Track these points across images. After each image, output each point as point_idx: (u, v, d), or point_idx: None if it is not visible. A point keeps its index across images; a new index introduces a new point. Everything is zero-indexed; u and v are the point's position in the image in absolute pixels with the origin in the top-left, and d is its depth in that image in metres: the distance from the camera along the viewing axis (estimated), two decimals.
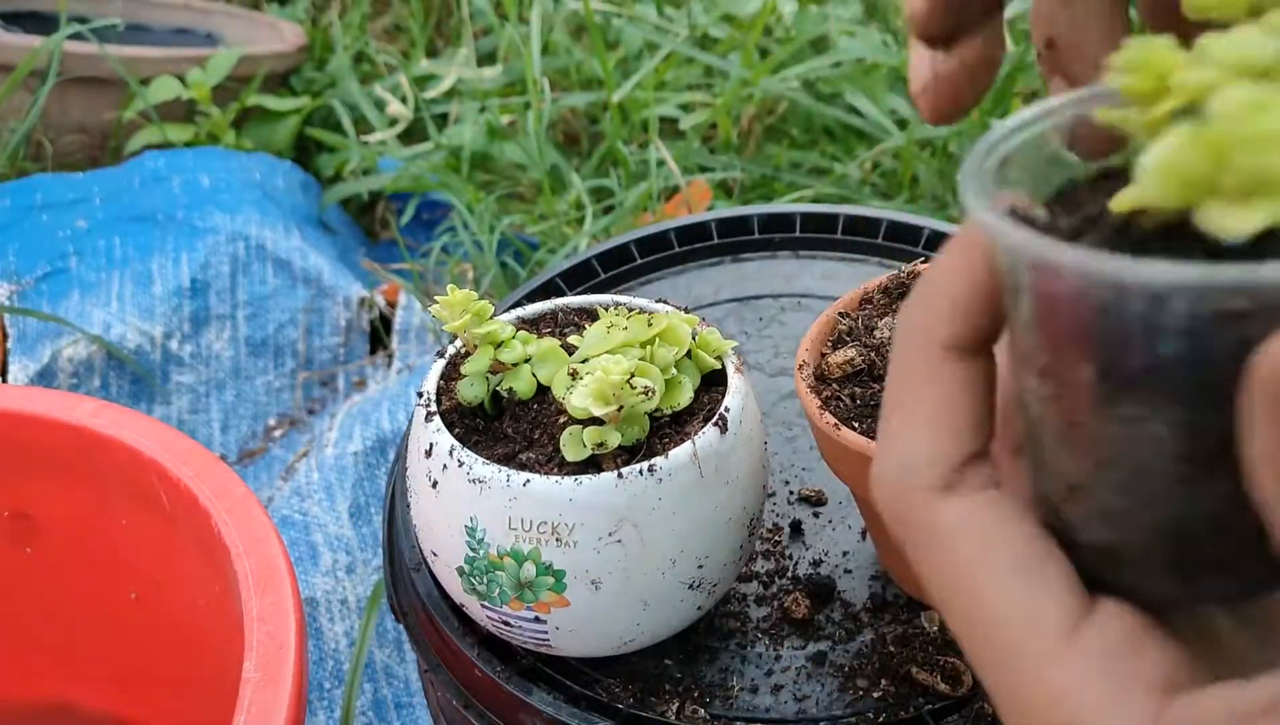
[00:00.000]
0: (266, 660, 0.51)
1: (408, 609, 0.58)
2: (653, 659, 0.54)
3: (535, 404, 0.50)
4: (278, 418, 1.08)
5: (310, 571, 0.87)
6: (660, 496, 0.46)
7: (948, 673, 0.52)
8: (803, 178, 1.17)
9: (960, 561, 0.27)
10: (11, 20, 1.37)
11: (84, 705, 0.75)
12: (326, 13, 1.59)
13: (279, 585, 0.54)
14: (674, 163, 1.14)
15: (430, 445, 0.48)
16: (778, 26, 1.38)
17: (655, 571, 0.47)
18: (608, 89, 1.22)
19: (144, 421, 0.64)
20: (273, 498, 0.96)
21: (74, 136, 1.31)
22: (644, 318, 0.50)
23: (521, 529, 0.46)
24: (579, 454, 0.47)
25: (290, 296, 1.11)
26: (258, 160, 1.24)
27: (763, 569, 0.58)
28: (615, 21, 1.38)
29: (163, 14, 1.53)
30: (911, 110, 1.17)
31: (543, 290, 0.73)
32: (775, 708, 0.52)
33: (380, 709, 0.84)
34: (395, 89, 1.39)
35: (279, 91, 1.43)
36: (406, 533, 0.59)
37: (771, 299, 0.75)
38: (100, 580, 0.70)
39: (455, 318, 0.49)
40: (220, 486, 0.59)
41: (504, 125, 1.28)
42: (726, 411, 0.48)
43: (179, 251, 1.09)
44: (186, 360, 1.06)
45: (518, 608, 0.48)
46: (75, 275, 1.07)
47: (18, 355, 1.00)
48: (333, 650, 0.85)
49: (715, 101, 1.26)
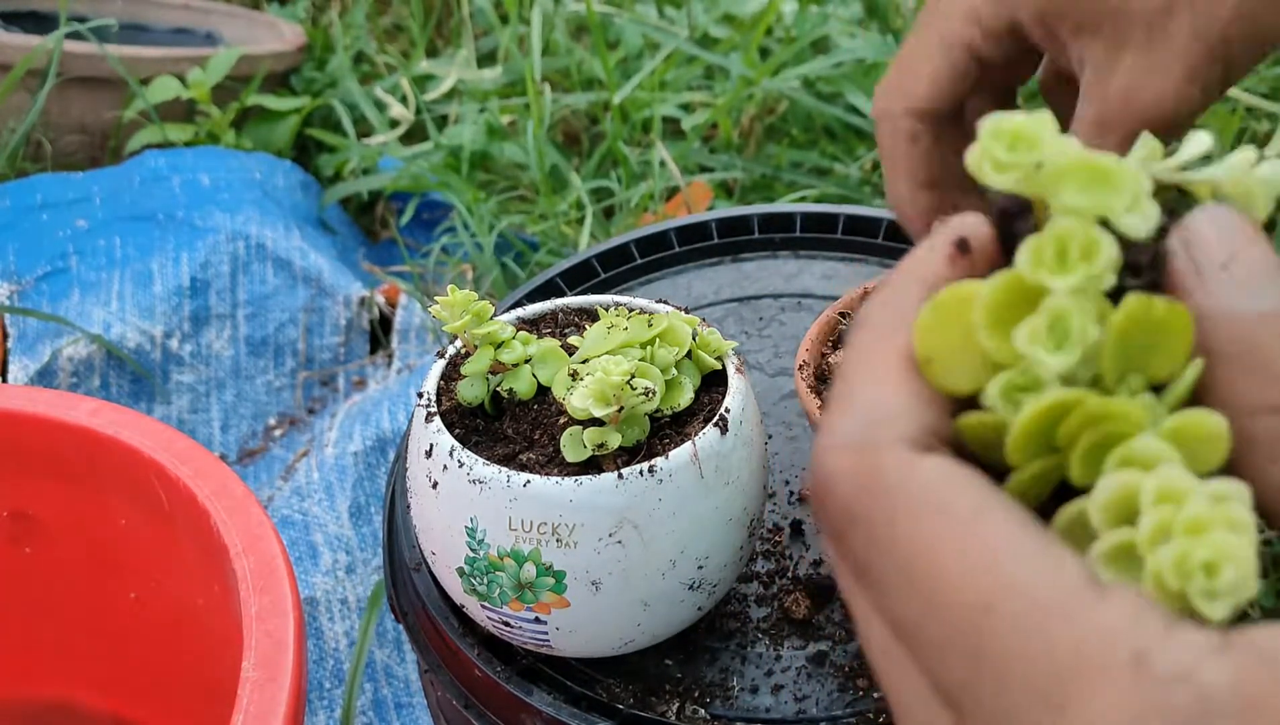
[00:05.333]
0: (265, 659, 0.51)
1: (408, 609, 0.58)
2: (653, 659, 0.54)
3: (535, 404, 0.50)
4: (278, 417, 1.08)
5: (310, 571, 0.87)
6: (660, 497, 0.46)
7: None
8: (803, 178, 1.17)
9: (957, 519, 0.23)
10: (11, 20, 1.37)
11: (84, 705, 0.75)
12: (326, 13, 1.59)
13: (278, 584, 0.54)
14: (674, 163, 1.14)
15: (430, 446, 0.48)
16: (778, 26, 1.38)
17: (655, 572, 0.47)
18: (609, 89, 1.22)
19: (143, 421, 0.64)
20: (273, 497, 0.95)
21: (74, 136, 1.31)
22: (644, 318, 0.50)
23: (522, 530, 0.46)
24: (579, 455, 0.47)
25: (290, 296, 1.11)
26: (258, 160, 1.24)
27: (763, 569, 0.58)
28: (616, 21, 1.38)
29: (162, 14, 1.53)
30: None
31: (543, 290, 0.73)
32: (775, 708, 0.52)
33: (380, 709, 0.84)
34: (395, 89, 1.39)
35: (279, 91, 1.43)
36: (406, 533, 0.59)
37: (771, 299, 0.75)
38: (100, 580, 0.70)
39: (455, 318, 0.49)
40: (219, 486, 0.59)
41: (504, 125, 1.28)
42: (727, 412, 0.48)
43: (179, 251, 1.08)
44: (186, 360, 1.06)
45: (518, 608, 0.48)
46: (75, 275, 1.07)
47: (18, 355, 1.00)
48: (333, 650, 0.85)
49: (716, 101, 1.26)
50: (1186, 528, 0.23)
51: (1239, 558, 0.22)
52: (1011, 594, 0.22)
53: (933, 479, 0.24)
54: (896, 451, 0.24)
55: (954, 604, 0.23)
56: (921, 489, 0.24)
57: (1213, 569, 0.23)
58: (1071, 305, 0.25)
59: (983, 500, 0.24)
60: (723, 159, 1.21)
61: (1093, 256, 0.26)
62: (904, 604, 0.24)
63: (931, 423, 0.25)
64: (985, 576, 0.23)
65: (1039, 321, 0.25)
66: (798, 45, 1.24)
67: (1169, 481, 0.24)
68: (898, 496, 0.24)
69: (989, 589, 0.23)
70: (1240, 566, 0.22)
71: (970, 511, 0.23)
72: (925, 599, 0.23)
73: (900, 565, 0.24)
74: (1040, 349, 0.25)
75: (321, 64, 1.48)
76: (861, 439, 0.25)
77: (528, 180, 1.27)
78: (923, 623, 0.23)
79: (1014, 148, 0.27)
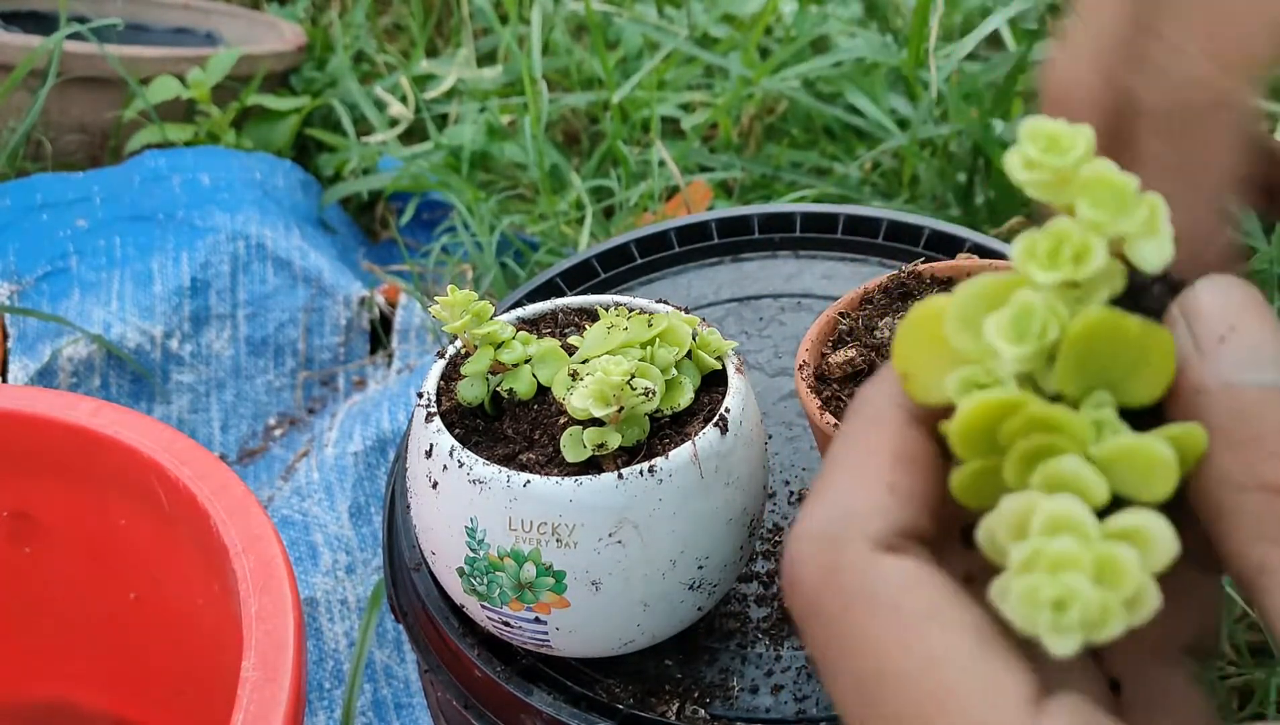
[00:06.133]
0: (265, 659, 0.51)
1: (408, 609, 0.58)
2: (653, 659, 0.54)
3: (535, 404, 0.50)
4: (278, 417, 1.08)
5: (310, 571, 0.87)
6: (660, 497, 0.46)
7: None
8: (803, 178, 1.17)
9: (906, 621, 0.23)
10: (11, 20, 1.37)
11: (84, 705, 0.75)
12: (326, 12, 1.59)
13: (278, 584, 0.54)
14: (674, 162, 1.14)
15: (430, 446, 0.48)
16: (778, 26, 1.38)
17: (655, 572, 0.47)
18: (608, 89, 1.22)
19: (143, 421, 0.64)
20: (273, 497, 0.95)
21: (74, 136, 1.31)
22: (644, 318, 0.50)
23: (522, 530, 0.46)
24: (579, 455, 0.47)
25: (290, 296, 1.11)
26: (258, 160, 1.24)
27: (763, 569, 0.58)
28: (615, 21, 1.38)
29: (162, 14, 1.53)
30: (912, 110, 1.17)
31: (543, 290, 0.73)
32: (775, 708, 0.52)
33: (380, 709, 0.84)
34: (395, 89, 1.39)
35: (279, 91, 1.43)
36: (406, 533, 0.59)
37: (771, 299, 0.75)
38: (99, 580, 0.70)
39: (455, 318, 0.49)
40: (219, 486, 0.59)
41: (504, 125, 1.28)
42: (727, 412, 0.48)
43: (179, 251, 1.08)
44: (186, 359, 1.06)
45: (518, 608, 0.48)
46: (75, 275, 1.07)
47: (18, 355, 1.00)
48: (333, 650, 0.85)
49: (716, 101, 1.26)
50: (1049, 563, 0.23)
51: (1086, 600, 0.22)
52: (948, 705, 0.22)
53: (891, 578, 0.24)
54: (860, 548, 0.24)
55: (892, 707, 0.23)
56: (878, 587, 0.24)
57: (1061, 606, 0.23)
58: (1039, 301, 0.26)
59: (938, 603, 0.23)
60: (722, 159, 1.21)
61: (1083, 261, 0.26)
62: (850, 700, 0.24)
63: (905, 522, 0.25)
64: (926, 682, 0.22)
65: (1006, 313, 0.26)
66: (797, 45, 1.24)
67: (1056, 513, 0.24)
68: (854, 593, 0.24)
69: (928, 696, 0.22)
70: (1086, 609, 0.22)
71: (922, 614, 0.23)
72: (869, 698, 0.23)
73: (849, 661, 0.24)
74: (1001, 339, 0.25)
75: (321, 64, 1.48)
76: (829, 532, 0.25)
77: (528, 180, 1.27)
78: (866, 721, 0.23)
79: (1048, 150, 0.27)
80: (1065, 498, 0.24)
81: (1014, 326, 0.26)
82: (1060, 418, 0.25)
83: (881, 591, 0.24)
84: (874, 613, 0.23)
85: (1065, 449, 0.25)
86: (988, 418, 0.25)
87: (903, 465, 0.26)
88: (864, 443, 0.26)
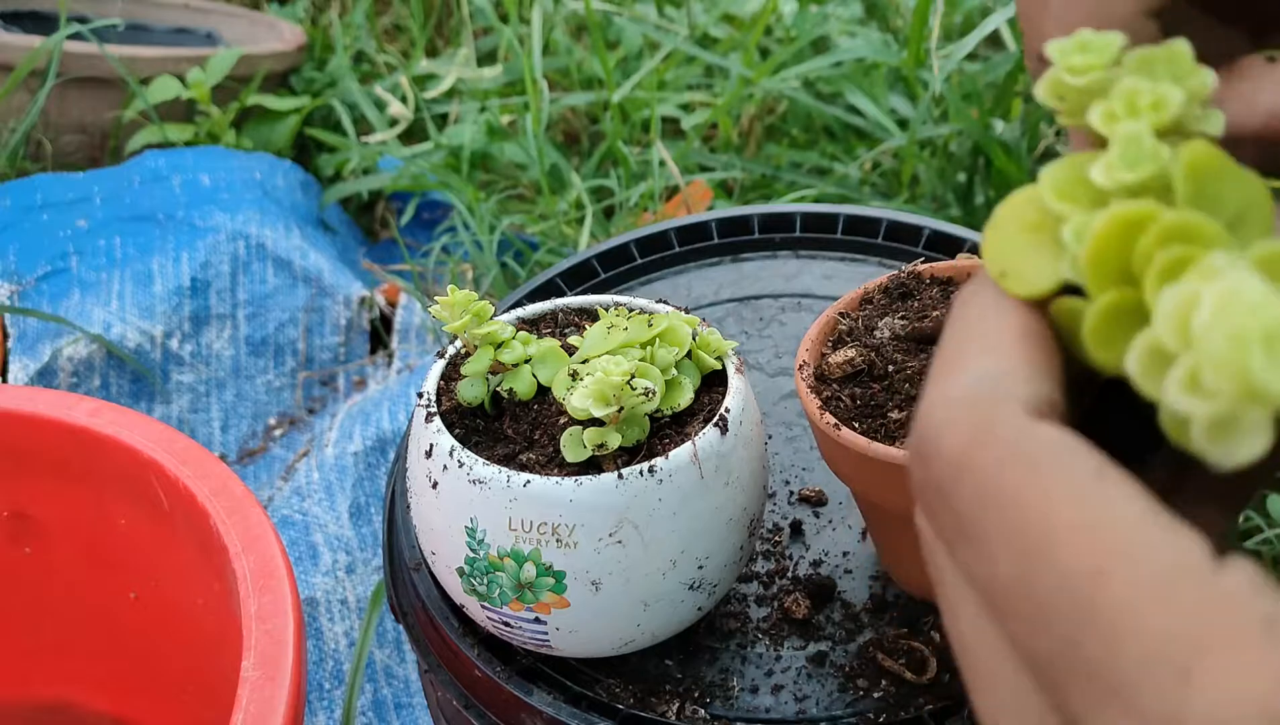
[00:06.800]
0: (265, 659, 0.51)
1: (408, 609, 0.58)
2: (653, 659, 0.54)
3: (535, 404, 0.50)
4: (278, 417, 1.08)
5: (310, 571, 0.87)
6: (660, 497, 0.46)
7: (914, 660, 0.52)
8: (803, 178, 1.17)
9: (1076, 478, 0.22)
10: (11, 20, 1.37)
11: (84, 705, 0.75)
12: (326, 13, 1.59)
13: (278, 584, 0.54)
14: (674, 162, 1.14)
15: (430, 446, 0.48)
16: (778, 26, 1.38)
17: (655, 572, 0.47)
18: (608, 89, 1.22)
19: (143, 421, 0.64)
20: (273, 497, 0.95)
21: (74, 136, 1.31)
22: (644, 318, 0.50)
23: (522, 530, 0.46)
24: (579, 455, 0.47)
25: (290, 296, 1.11)
26: (258, 160, 1.24)
27: (763, 569, 0.58)
28: (616, 21, 1.38)
29: (162, 14, 1.53)
30: (912, 110, 1.17)
31: (543, 290, 0.73)
32: (775, 708, 0.52)
33: (380, 709, 0.84)
34: (395, 89, 1.39)
35: (279, 91, 1.43)
36: (406, 533, 0.59)
37: (771, 299, 0.75)
38: (99, 580, 0.70)
39: (455, 318, 0.49)
40: (219, 486, 0.59)
41: (504, 125, 1.28)
42: (727, 412, 0.48)
43: (179, 251, 1.09)
44: (187, 359, 1.06)
45: (518, 608, 0.48)
46: (75, 275, 1.07)
47: (18, 355, 1.00)
48: (333, 650, 0.85)
49: (716, 101, 1.26)
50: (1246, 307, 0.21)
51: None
52: (1129, 558, 0.21)
53: (1050, 440, 0.22)
54: (1015, 409, 0.23)
55: (1062, 562, 0.21)
56: (1037, 447, 0.22)
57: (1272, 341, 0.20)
58: (1142, 128, 0.24)
59: (1104, 464, 0.22)
60: (722, 159, 1.21)
61: (1162, 108, 0.25)
62: (1005, 561, 0.22)
63: (1048, 394, 0.24)
64: (1101, 536, 0.21)
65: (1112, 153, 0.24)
66: (797, 45, 1.24)
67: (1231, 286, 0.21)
68: (1014, 447, 0.22)
69: (1104, 550, 0.21)
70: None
71: (1091, 473, 0.22)
72: (1030, 555, 0.22)
73: (1007, 517, 0.22)
74: (1115, 172, 0.24)
75: (321, 64, 1.48)
76: (976, 395, 0.23)
77: (528, 180, 1.28)
78: (1025, 581, 0.22)
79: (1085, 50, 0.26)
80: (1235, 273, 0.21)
81: (1124, 158, 0.24)
82: (1200, 225, 0.23)
83: (1043, 452, 0.22)
84: (1038, 470, 0.22)
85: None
86: (1121, 234, 0.24)
87: (1033, 340, 0.25)
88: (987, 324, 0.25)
